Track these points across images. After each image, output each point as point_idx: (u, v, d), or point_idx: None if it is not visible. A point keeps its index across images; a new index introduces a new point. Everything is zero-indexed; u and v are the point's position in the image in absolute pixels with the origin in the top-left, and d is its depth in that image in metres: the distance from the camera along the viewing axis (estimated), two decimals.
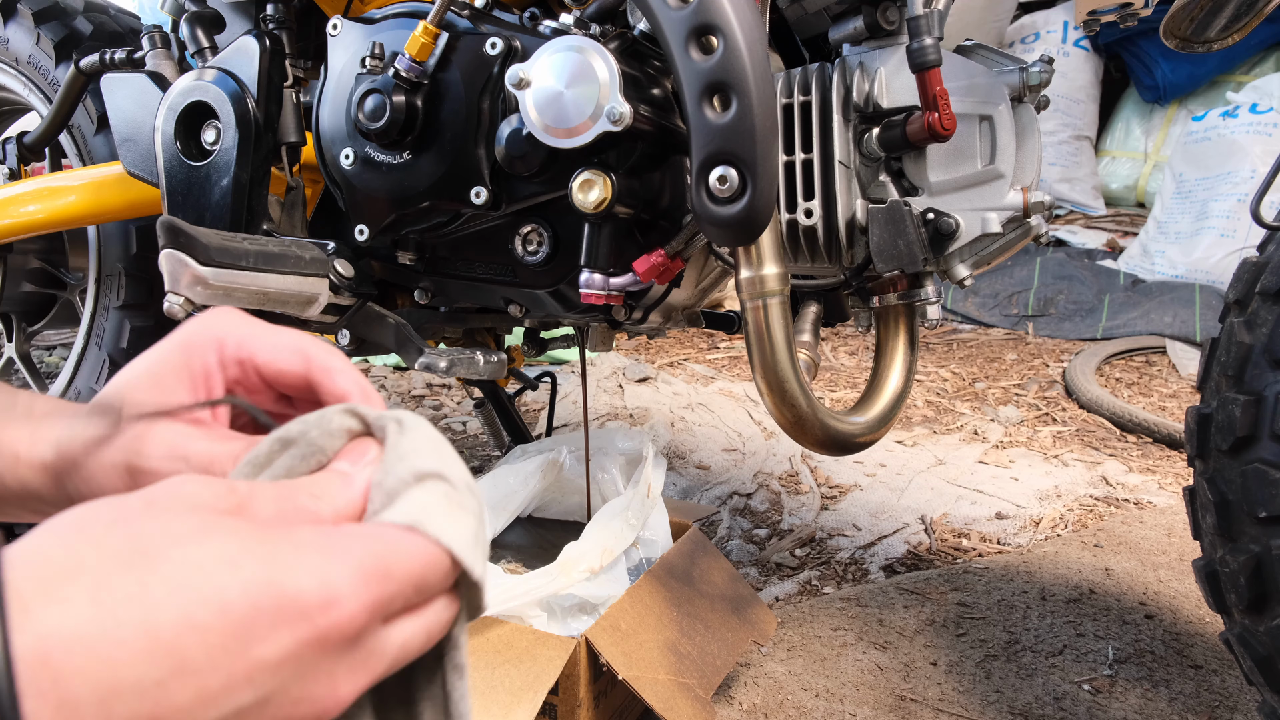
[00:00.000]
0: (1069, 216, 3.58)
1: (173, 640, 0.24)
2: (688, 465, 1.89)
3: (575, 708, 0.88)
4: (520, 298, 0.99)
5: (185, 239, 0.85)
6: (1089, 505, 1.66)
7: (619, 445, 1.19)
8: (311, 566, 0.27)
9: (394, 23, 0.97)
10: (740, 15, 0.72)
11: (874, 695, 1.08)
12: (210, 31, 1.13)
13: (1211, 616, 1.24)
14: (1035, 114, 0.88)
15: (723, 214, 0.75)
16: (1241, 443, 0.74)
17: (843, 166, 0.89)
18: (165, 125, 1.05)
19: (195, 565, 0.25)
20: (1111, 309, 2.90)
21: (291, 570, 0.26)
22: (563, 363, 2.73)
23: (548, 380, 1.45)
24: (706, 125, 0.74)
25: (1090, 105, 3.61)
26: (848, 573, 1.41)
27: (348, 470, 0.33)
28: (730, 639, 1.02)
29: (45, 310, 1.67)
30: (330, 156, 1.00)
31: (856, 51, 0.90)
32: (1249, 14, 0.90)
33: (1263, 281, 0.76)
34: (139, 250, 1.39)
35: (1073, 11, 3.52)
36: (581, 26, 0.84)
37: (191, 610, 0.24)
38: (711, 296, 1.14)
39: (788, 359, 0.84)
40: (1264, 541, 0.72)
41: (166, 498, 0.28)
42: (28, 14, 1.44)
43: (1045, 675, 1.12)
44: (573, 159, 0.85)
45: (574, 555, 0.92)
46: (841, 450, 0.92)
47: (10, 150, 1.43)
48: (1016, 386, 2.42)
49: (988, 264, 0.89)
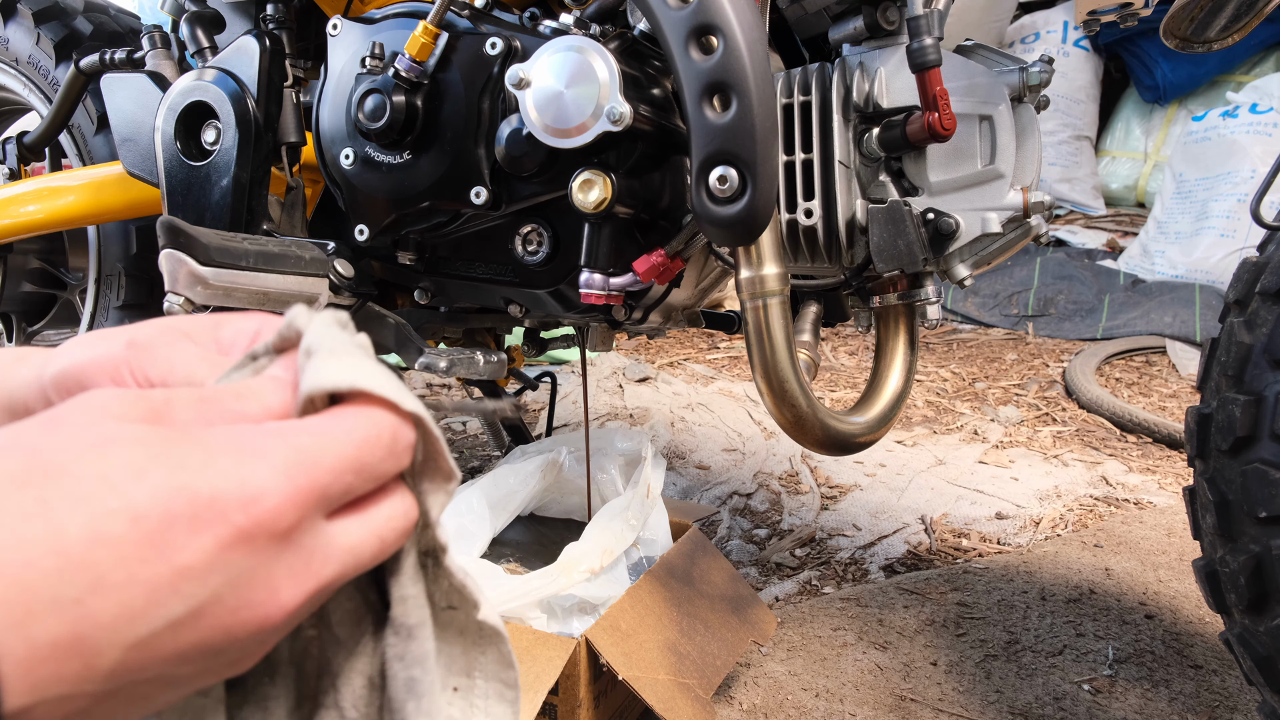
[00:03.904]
0: (1069, 216, 3.58)
1: (83, 556, 0.23)
2: (688, 465, 1.89)
3: (575, 708, 0.88)
4: (520, 298, 0.99)
5: (185, 239, 0.85)
6: (1089, 505, 1.66)
7: (619, 445, 1.19)
8: (226, 465, 0.25)
9: (394, 23, 0.97)
10: (740, 15, 0.72)
11: (874, 695, 1.08)
12: (210, 31, 1.13)
13: (1211, 616, 1.24)
14: (1035, 114, 0.88)
15: (723, 214, 0.75)
16: (1241, 443, 0.74)
17: (843, 166, 0.89)
18: (165, 125, 1.05)
19: (99, 477, 0.24)
20: (1111, 309, 2.90)
21: (204, 471, 0.25)
22: (563, 363, 2.73)
23: (548, 380, 1.45)
24: (706, 125, 0.74)
25: (1090, 105, 3.62)
26: (848, 573, 1.41)
27: (279, 374, 0.31)
28: (730, 639, 1.02)
29: (45, 310, 1.67)
30: (330, 156, 1.00)
31: (856, 51, 0.90)
32: (1249, 14, 0.90)
33: (1263, 281, 0.76)
34: (139, 250, 1.39)
35: (1073, 11, 3.52)
36: (581, 26, 0.84)
37: (99, 523, 0.23)
38: (711, 296, 1.14)
39: (788, 359, 0.84)
40: (1264, 541, 0.72)
41: (70, 412, 0.26)
42: (28, 14, 1.44)
43: (1045, 675, 1.12)
44: (573, 159, 0.85)
45: (574, 556, 0.92)
46: (841, 450, 0.92)
47: (10, 150, 1.43)
48: (1016, 386, 2.42)
49: (988, 264, 0.89)
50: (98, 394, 0.27)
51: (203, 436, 0.26)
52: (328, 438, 0.28)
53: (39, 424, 0.26)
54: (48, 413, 0.27)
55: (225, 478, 0.25)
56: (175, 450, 0.25)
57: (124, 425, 0.26)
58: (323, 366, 0.29)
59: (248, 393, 0.30)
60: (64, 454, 0.24)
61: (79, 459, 0.24)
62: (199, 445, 0.26)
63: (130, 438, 0.25)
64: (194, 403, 0.29)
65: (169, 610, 0.24)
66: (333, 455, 0.27)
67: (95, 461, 0.24)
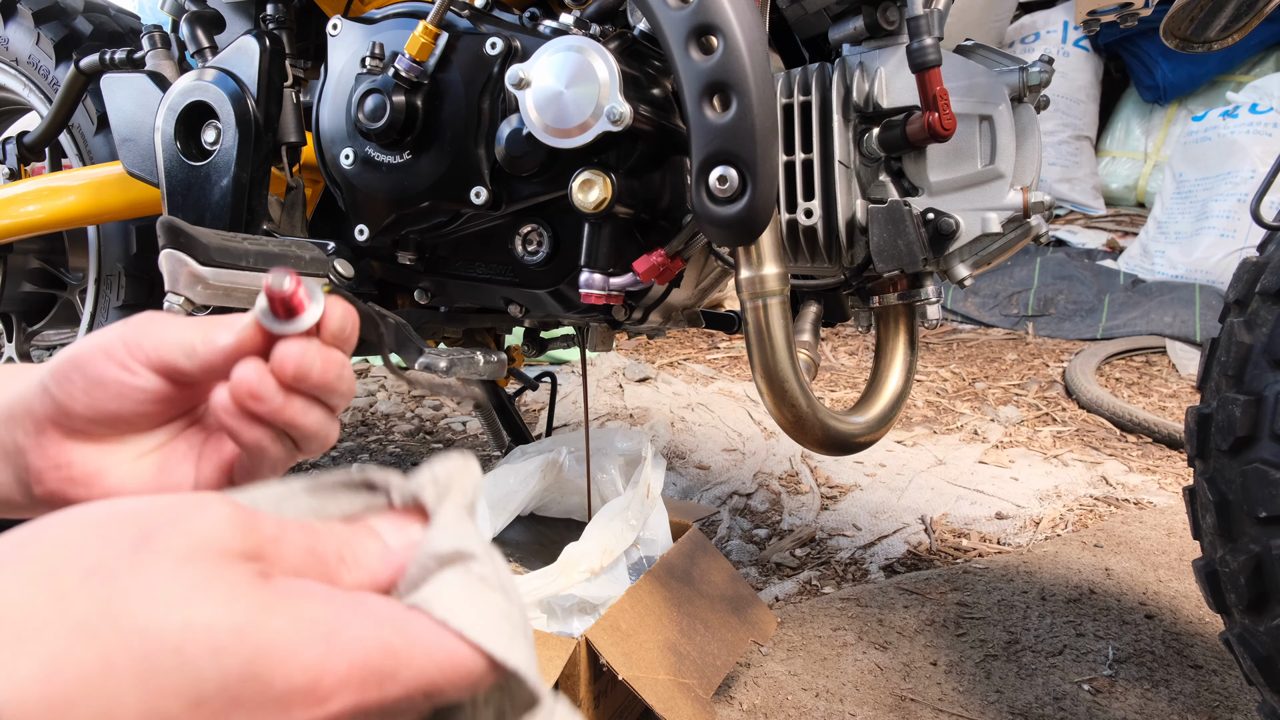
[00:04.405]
0: (1069, 216, 3.58)
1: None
2: (688, 465, 1.89)
3: (575, 708, 0.88)
4: (520, 298, 0.99)
5: (185, 239, 0.85)
6: (1089, 505, 1.66)
7: (619, 445, 1.19)
8: (307, 655, 0.24)
9: (394, 23, 0.97)
10: (740, 15, 0.72)
11: (874, 695, 1.08)
12: (210, 31, 1.13)
13: (1211, 616, 1.24)
14: (1035, 114, 0.88)
15: (723, 214, 0.75)
16: (1241, 443, 0.74)
17: (843, 166, 0.89)
18: (165, 125, 1.05)
19: (173, 649, 0.22)
20: (1111, 309, 2.90)
21: (283, 659, 0.23)
22: (563, 363, 2.73)
23: (548, 380, 1.45)
24: (706, 125, 0.74)
25: (1090, 105, 3.62)
26: (848, 573, 1.41)
27: (389, 541, 0.29)
28: (730, 639, 1.02)
29: (45, 310, 1.67)
30: (330, 156, 1.00)
31: (856, 51, 0.90)
32: (1249, 14, 0.90)
33: (1263, 281, 0.76)
34: (139, 250, 1.39)
35: (1073, 11, 3.52)
36: (581, 26, 0.84)
37: (159, 703, 0.22)
38: (711, 296, 1.14)
39: (788, 359, 0.84)
40: (1264, 541, 0.72)
41: (171, 530, 0.24)
42: (28, 14, 1.44)
43: (1045, 675, 1.12)
44: (573, 159, 0.85)
45: (574, 556, 0.92)
46: (841, 450, 0.92)
47: (10, 150, 1.43)
48: (1016, 386, 2.42)
49: (988, 264, 0.89)
50: (208, 505, 0.25)
51: (296, 601, 0.24)
52: (419, 653, 0.26)
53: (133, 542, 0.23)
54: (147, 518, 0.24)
55: (303, 672, 0.23)
56: (265, 625, 0.23)
57: (219, 571, 0.24)
58: (443, 591, 0.27)
59: (352, 561, 0.28)
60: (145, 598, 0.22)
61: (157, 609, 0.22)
62: (289, 619, 0.24)
63: (219, 596, 0.23)
64: (301, 552, 0.27)
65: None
66: (413, 675, 0.26)
67: (173, 615, 0.22)
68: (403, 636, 0.26)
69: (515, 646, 0.27)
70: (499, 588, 0.28)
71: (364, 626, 0.25)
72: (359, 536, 0.29)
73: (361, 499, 0.31)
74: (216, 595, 0.23)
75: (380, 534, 0.30)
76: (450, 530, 0.29)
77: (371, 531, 0.30)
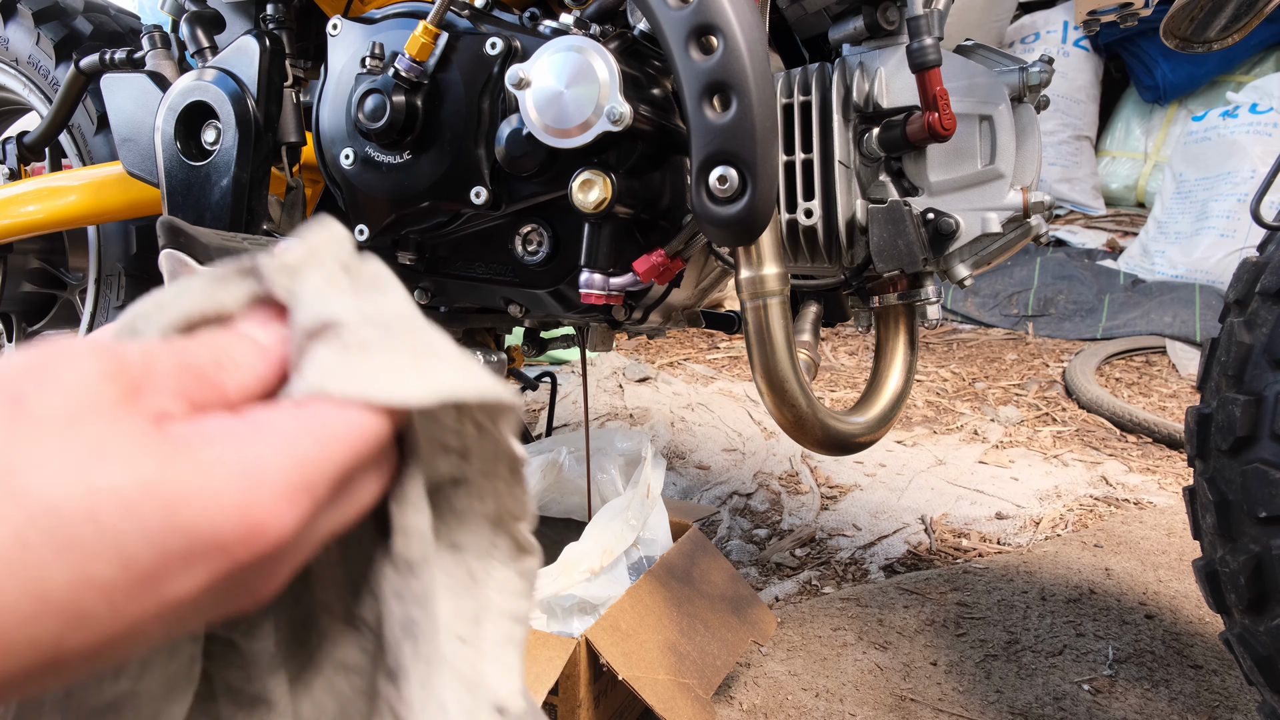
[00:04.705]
0: (1069, 216, 3.58)
1: (67, 599, 0.21)
2: (688, 465, 1.89)
3: (575, 708, 0.88)
4: (520, 298, 0.99)
5: (185, 239, 0.85)
6: (1089, 505, 1.66)
7: (619, 445, 1.19)
8: (229, 496, 0.23)
9: (394, 23, 0.97)
10: (740, 15, 0.72)
11: (874, 695, 1.08)
12: (210, 31, 1.13)
13: (1211, 616, 1.24)
14: (1035, 114, 0.88)
15: (723, 214, 0.75)
16: (1241, 443, 0.74)
17: (843, 166, 0.89)
18: (165, 125, 1.05)
19: (85, 515, 0.21)
20: (1111, 309, 2.90)
21: (205, 506, 0.23)
22: (563, 363, 2.73)
23: (548, 380, 1.45)
24: (706, 125, 0.74)
25: (1090, 105, 3.62)
26: (848, 573, 1.41)
27: (262, 338, 0.28)
28: (730, 639, 1.02)
29: (45, 310, 1.67)
30: (330, 156, 1.00)
31: (856, 51, 0.90)
32: (1249, 14, 0.90)
33: (1263, 281, 0.76)
34: (139, 250, 1.39)
35: (1073, 11, 3.52)
36: (581, 26, 0.84)
37: (87, 568, 0.21)
38: (711, 296, 1.14)
39: (788, 359, 0.85)
40: (1264, 541, 0.72)
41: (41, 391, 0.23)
42: (28, 14, 1.44)
43: (1045, 675, 1.12)
44: (573, 159, 0.85)
45: (574, 556, 0.92)
46: (841, 450, 0.92)
47: (10, 150, 1.43)
48: (1016, 386, 2.42)
49: (988, 264, 0.89)
50: (73, 357, 0.24)
51: (197, 449, 0.24)
52: (327, 439, 0.25)
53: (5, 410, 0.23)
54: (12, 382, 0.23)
55: (227, 511, 0.23)
56: (170, 473, 0.23)
57: (108, 428, 0.23)
58: (321, 369, 0.26)
59: (231, 365, 0.27)
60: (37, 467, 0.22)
61: (57, 478, 0.22)
62: (197, 465, 0.23)
63: (117, 455, 0.23)
64: (176, 373, 0.26)
65: (150, 636, 0.23)
66: (332, 462, 0.25)
67: (76, 484, 0.22)
68: (307, 433, 0.25)
69: (407, 382, 0.26)
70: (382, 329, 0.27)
71: (269, 438, 0.25)
72: (229, 339, 0.28)
73: (247, 285, 0.29)
74: (114, 455, 0.23)
75: (250, 334, 0.28)
76: (311, 303, 0.28)
77: (240, 333, 0.28)
